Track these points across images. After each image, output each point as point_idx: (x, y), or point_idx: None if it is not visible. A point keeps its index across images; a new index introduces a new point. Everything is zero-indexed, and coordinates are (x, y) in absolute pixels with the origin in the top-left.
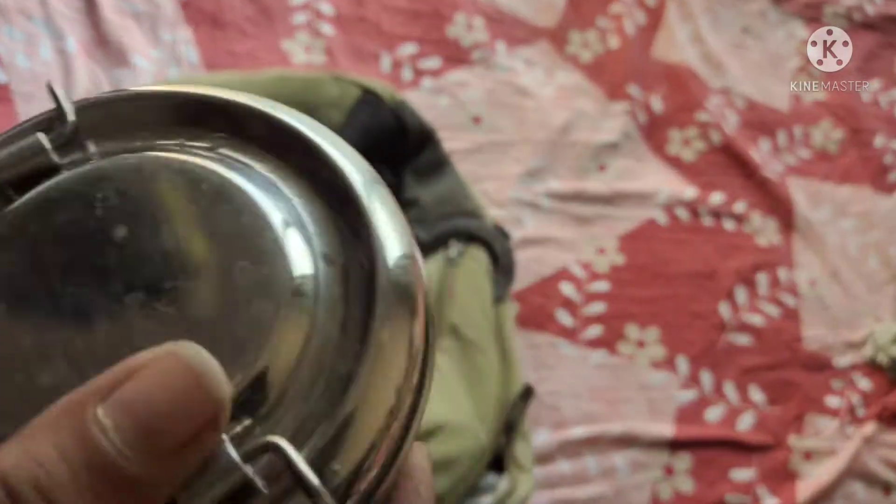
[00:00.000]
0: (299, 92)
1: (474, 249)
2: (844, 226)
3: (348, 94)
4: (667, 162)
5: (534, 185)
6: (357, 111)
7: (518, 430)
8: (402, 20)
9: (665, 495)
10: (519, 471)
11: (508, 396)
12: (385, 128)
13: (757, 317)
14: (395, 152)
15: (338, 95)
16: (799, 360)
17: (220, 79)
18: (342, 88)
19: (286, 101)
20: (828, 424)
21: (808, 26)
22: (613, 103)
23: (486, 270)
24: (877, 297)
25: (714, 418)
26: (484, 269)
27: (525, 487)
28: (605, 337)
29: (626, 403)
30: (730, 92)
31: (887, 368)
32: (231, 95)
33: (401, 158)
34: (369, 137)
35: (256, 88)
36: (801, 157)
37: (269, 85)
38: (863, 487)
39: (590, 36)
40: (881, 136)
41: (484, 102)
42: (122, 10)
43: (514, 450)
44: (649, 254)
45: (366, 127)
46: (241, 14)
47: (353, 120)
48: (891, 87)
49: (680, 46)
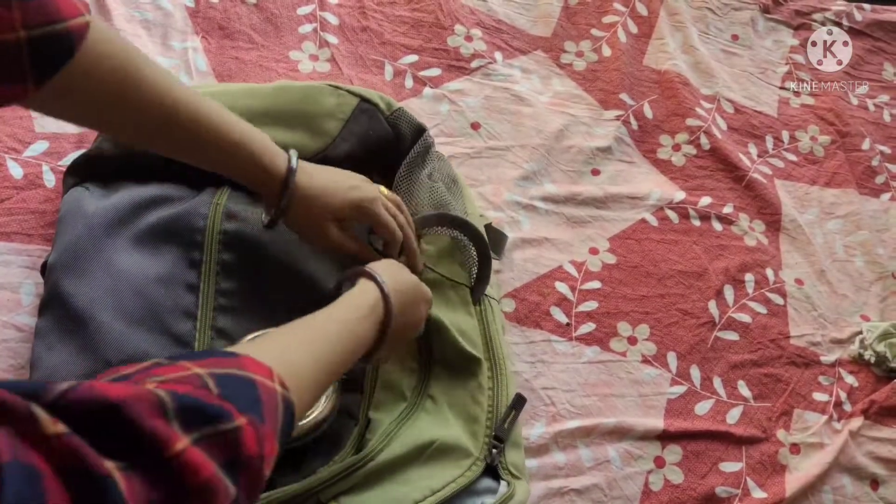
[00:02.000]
0: (299, 101)
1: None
2: (831, 227)
3: (346, 103)
4: (658, 166)
5: (530, 188)
6: (354, 121)
7: (509, 440)
8: (404, 30)
9: (657, 486)
10: (512, 478)
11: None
12: (381, 136)
13: (745, 315)
14: (391, 157)
15: (335, 105)
16: (786, 357)
17: (229, 89)
18: (340, 98)
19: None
20: (815, 419)
21: (797, 34)
22: (606, 110)
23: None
24: (863, 296)
25: (703, 412)
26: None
27: (522, 492)
28: (598, 334)
29: (618, 398)
30: (719, 98)
31: (874, 365)
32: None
33: (396, 163)
34: (365, 145)
35: (259, 98)
36: (788, 160)
37: (270, 95)
38: (850, 481)
39: (584, 45)
40: (868, 139)
41: (482, 109)
42: (133, 18)
43: (506, 460)
44: (641, 254)
45: (362, 136)
46: (248, 23)
47: (350, 129)
48: (879, 92)
49: (671, 55)
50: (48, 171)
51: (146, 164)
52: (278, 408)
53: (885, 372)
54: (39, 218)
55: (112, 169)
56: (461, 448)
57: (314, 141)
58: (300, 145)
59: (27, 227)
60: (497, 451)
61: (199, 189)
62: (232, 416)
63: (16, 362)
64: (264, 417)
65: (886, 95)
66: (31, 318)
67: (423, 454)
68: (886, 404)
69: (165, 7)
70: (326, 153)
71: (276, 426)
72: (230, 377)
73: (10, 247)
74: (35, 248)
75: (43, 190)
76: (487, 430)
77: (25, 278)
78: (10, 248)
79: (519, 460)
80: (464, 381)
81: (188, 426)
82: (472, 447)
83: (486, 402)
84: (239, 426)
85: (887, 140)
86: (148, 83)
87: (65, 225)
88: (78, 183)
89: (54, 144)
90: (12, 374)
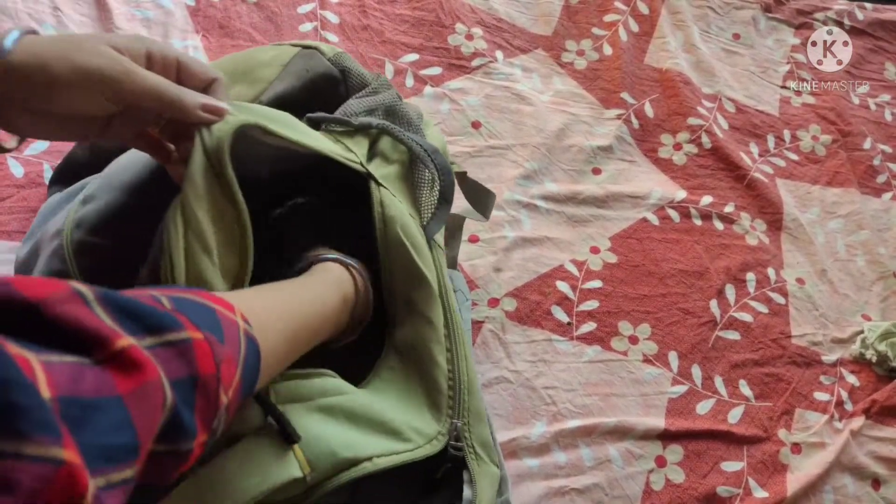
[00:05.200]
0: (240, 61)
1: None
2: (832, 226)
3: (284, 52)
4: (659, 165)
5: (531, 187)
6: (291, 63)
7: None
8: (404, 29)
9: (658, 486)
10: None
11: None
12: (322, 72)
13: (746, 314)
14: (337, 95)
15: (273, 56)
16: (788, 357)
17: None
18: (279, 50)
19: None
20: (817, 419)
21: (798, 33)
22: (608, 109)
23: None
24: (864, 296)
25: (705, 412)
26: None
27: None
28: (599, 333)
29: (619, 397)
30: (720, 97)
31: (875, 364)
32: None
33: (343, 101)
34: (304, 83)
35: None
36: (790, 159)
37: (217, 64)
38: (852, 480)
39: (585, 44)
40: (870, 138)
41: (483, 108)
42: (134, 17)
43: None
44: (642, 253)
45: (299, 74)
46: (248, 22)
47: (288, 70)
48: (880, 91)
49: (672, 53)
50: (49, 169)
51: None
52: (240, 340)
53: (887, 371)
54: None
55: (84, 172)
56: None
57: (250, 89)
58: (238, 97)
59: (27, 226)
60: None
61: None
62: (183, 327)
63: None
64: (224, 340)
65: (888, 95)
66: None
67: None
68: (887, 404)
69: (166, 6)
70: (261, 98)
71: (238, 356)
72: (186, 300)
73: (11, 246)
74: None
75: (43, 188)
76: (450, 398)
77: None
78: (10, 248)
79: (485, 434)
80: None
81: (133, 331)
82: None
83: (446, 365)
84: (191, 338)
85: (888, 139)
86: None
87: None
88: (58, 190)
89: (55, 143)
90: None
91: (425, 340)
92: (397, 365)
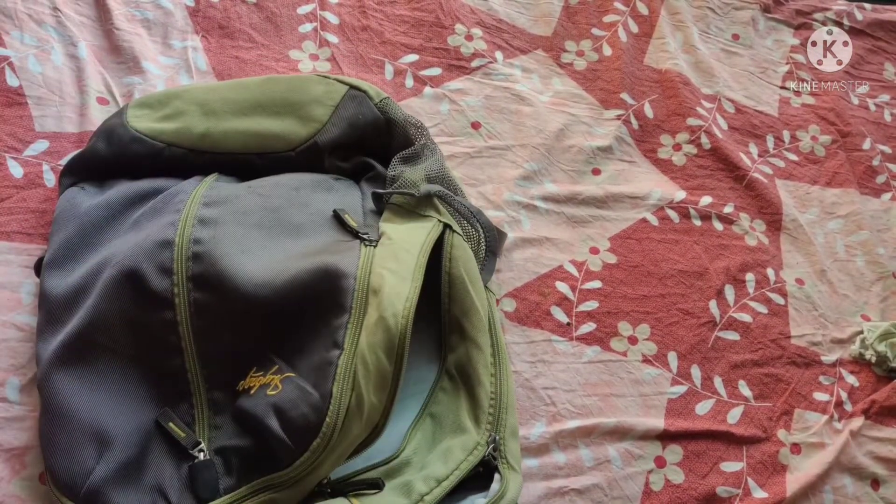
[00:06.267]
0: (287, 91)
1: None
2: (832, 227)
3: (334, 90)
4: (658, 165)
5: (530, 188)
6: (343, 106)
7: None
8: (404, 30)
9: (657, 486)
10: (509, 470)
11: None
12: (371, 120)
13: (746, 315)
14: (381, 144)
15: (324, 92)
16: (787, 357)
17: (217, 85)
18: (328, 86)
19: (275, 99)
20: (816, 419)
21: (797, 33)
22: (607, 109)
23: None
24: (864, 296)
25: (704, 412)
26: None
27: (515, 487)
28: (598, 334)
29: (618, 398)
30: (720, 97)
31: (875, 365)
32: None
33: (388, 149)
34: (355, 130)
35: (248, 91)
36: (789, 160)
37: (259, 87)
38: (851, 481)
39: (584, 45)
40: (869, 139)
41: (483, 109)
42: (133, 17)
43: (505, 448)
44: (641, 254)
45: (351, 120)
46: (248, 22)
47: (339, 114)
48: (880, 92)
49: (672, 54)
50: (48, 170)
51: (139, 161)
52: None
53: (886, 372)
54: (40, 217)
55: (106, 167)
56: (466, 430)
57: (304, 127)
58: (290, 132)
59: (27, 227)
60: (500, 437)
61: None
62: None
63: (16, 362)
64: None
65: (887, 95)
66: (32, 318)
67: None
68: (887, 404)
69: (165, 6)
70: (317, 138)
71: None
72: None
73: (11, 246)
74: (35, 248)
75: (43, 189)
76: (490, 415)
77: (26, 278)
78: (10, 248)
79: (516, 450)
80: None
81: None
82: (475, 430)
83: (490, 386)
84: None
85: (888, 140)
86: None
87: (58, 224)
88: (73, 183)
89: (54, 144)
90: (13, 373)
91: (474, 363)
92: (448, 386)
